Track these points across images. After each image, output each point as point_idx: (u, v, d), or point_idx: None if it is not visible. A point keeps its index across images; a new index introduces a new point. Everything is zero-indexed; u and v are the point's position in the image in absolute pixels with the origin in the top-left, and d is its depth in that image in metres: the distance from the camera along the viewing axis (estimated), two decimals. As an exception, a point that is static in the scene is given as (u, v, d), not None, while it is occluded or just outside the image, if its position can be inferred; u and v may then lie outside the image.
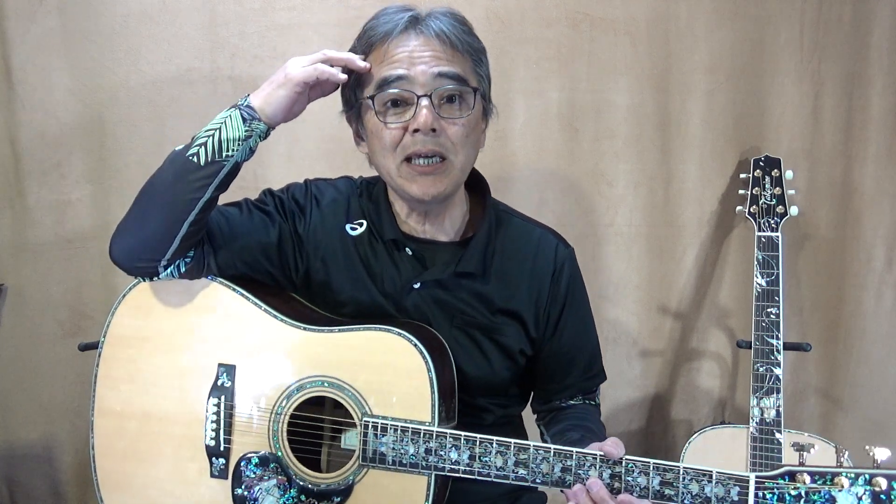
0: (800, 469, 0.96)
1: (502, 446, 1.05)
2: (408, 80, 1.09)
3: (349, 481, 1.11)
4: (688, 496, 0.99)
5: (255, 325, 1.16)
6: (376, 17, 1.15)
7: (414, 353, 1.10)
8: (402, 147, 1.11)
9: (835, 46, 1.79)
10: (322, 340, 1.14)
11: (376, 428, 1.09)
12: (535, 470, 1.04)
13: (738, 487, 0.98)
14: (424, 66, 1.09)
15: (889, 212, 1.84)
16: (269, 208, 1.23)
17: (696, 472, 0.99)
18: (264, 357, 1.16)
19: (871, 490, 0.94)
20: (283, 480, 1.13)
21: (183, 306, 1.19)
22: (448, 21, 1.12)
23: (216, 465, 1.16)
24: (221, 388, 1.16)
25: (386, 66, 1.10)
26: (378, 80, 1.10)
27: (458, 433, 1.06)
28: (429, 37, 1.10)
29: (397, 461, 1.08)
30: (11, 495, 1.88)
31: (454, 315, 1.20)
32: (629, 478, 1.01)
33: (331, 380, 1.13)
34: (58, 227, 1.79)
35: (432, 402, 1.08)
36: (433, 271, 1.19)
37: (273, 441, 1.14)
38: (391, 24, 1.11)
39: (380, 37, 1.11)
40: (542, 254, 1.24)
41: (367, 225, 1.23)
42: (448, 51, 1.11)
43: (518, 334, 1.22)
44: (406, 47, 1.10)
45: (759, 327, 1.63)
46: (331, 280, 1.21)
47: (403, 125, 1.10)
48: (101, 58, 1.74)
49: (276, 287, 1.23)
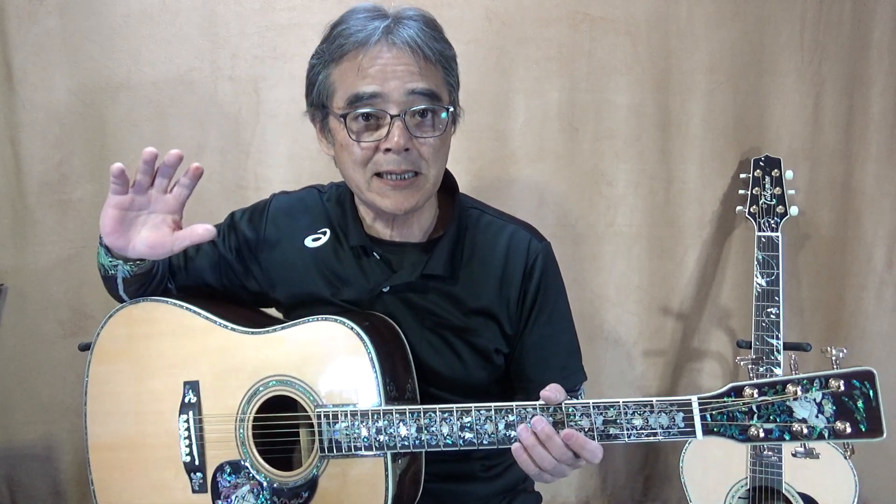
0: (745, 384, 0.92)
1: (445, 412, 1.04)
2: (381, 98, 1.06)
3: (313, 475, 1.12)
4: (633, 431, 0.97)
5: (210, 338, 1.19)
6: (345, 20, 1.10)
7: (351, 335, 1.10)
8: (373, 163, 1.10)
9: (835, 46, 1.79)
10: (269, 341, 1.16)
11: (328, 417, 1.09)
12: (480, 432, 1.03)
13: (682, 413, 0.95)
14: (398, 82, 1.06)
15: (889, 212, 1.83)
16: (220, 250, 1.28)
17: (636, 404, 0.97)
18: (222, 367, 1.18)
19: (829, 393, 0.88)
20: (255, 485, 1.15)
21: (147, 333, 1.22)
22: (418, 27, 1.08)
23: (195, 480, 1.18)
24: (189, 405, 1.18)
25: (359, 80, 1.06)
26: (350, 96, 1.07)
27: (403, 407, 1.06)
28: (401, 48, 1.06)
29: (352, 447, 1.08)
30: (11, 495, 1.88)
31: (424, 317, 1.20)
32: (572, 422, 1.00)
33: (281, 377, 1.14)
34: (58, 227, 1.80)
35: (376, 381, 1.08)
36: (401, 275, 1.19)
37: (241, 447, 1.16)
38: (364, 34, 1.06)
39: (352, 47, 1.07)
40: (515, 250, 1.22)
41: (330, 234, 1.23)
42: (420, 62, 1.07)
43: (493, 334, 1.22)
44: (379, 60, 1.06)
45: (759, 327, 1.63)
46: (290, 298, 1.24)
47: (375, 144, 1.09)
48: (101, 58, 1.74)
49: (227, 299, 1.30)
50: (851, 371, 0.89)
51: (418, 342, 1.19)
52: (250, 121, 1.79)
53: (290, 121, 1.78)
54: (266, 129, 1.79)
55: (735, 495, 1.62)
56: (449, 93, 1.14)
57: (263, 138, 1.80)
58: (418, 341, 1.19)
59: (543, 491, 1.42)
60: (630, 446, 1.96)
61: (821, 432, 0.89)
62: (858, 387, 0.88)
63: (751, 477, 1.60)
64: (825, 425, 0.89)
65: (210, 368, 1.19)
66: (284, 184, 1.69)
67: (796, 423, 0.90)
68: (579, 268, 1.29)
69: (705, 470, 1.64)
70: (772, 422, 0.91)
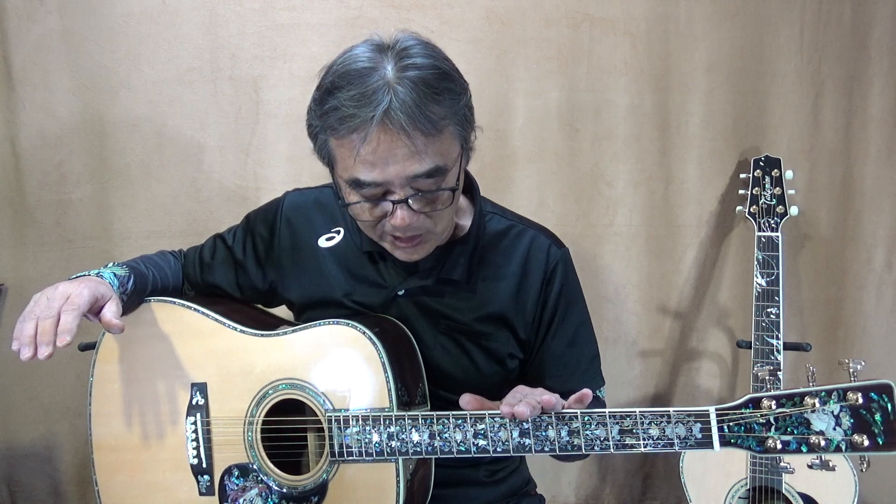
0: (763, 395, 0.91)
1: (459, 419, 1.03)
2: (382, 186, 1.00)
3: (322, 479, 1.11)
4: (650, 441, 0.96)
5: (218, 340, 1.19)
6: (334, 92, 0.99)
7: (363, 339, 1.09)
8: (381, 225, 1.07)
9: (835, 46, 1.79)
10: (279, 343, 1.16)
11: (339, 421, 1.08)
12: (493, 439, 1.02)
13: (700, 424, 0.94)
14: (398, 168, 0.98)
15: (889, 212, 1.83)
16: (236, 255, 1.28)
17: (653, 414, 0.96)
18: (231, 369, 1.17)
19: (846, 406, 0.88)
20: (263, 488, 1.14)
21: (154, 334, 1.22)
22: (416, 92, 0.96)
23: (202, 482, 1.17)
24: (197, 407, 1.18)
25: (358, 166, 0.99)
26: (350, 179, 1.01)
27: (416, 413, 1.05)
28: (395, 132, 0.96)
29: (363, 451, 1.07)
30: (11, 495, 1.88)
31: (439, 321, 1.19)
32: (587, 431, 0.98)
33: (291, 381, 1.13)
34: (58, 227, 1.80)
35: (388, 387, 1.08)
36: (417, 278, 1.18)
37: (249, 450, 1.15)
38: (358, 120, 0.96)
39: (347, 132, 0.98)
40: (534, 256, 1.21)
41: (344, 233, 1.22)
42: (420, 139, 0.97)
43: (507, 338, 1.21)
44: (377, 146, 0.97)
45: (759, 327, 1.63)
46: (302, 298, 1.23)
47: (381, 215, 1.05)
48: (101, 58, 1.74)
49: (235, 300, 1.30)
50: (870, 384, 0.88)
51: (432, 346, 1.18)
52: (250, 121, 1.79)
53: (290, 121, 1.78)
54: (266, 129, 1.79)
55: (735, 495, 1.62)
56: (460, 149, 1.06)
57: (263, 138, 1.80)
58: (432, 345, 1.18)
59: (543, 490, 1.42)
60: (630, 446, 1.96)
61: (838, 445, 0.89)
62: (876, 399, 0.88)
63: (751, 477, 1.60)
64: (842, 438, 0.89)
65: (218, 370, 1.18)
66: (284, 184, 1.69)
67: (814, 435, 0.90)
68: (578, 267, 1.29)
69: (705, 470, 1.64)
70: (789, 434, 0.91)
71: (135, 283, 1.20)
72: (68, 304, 1.03)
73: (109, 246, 1.80)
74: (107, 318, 1.06)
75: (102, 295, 1.08)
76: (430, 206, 1.04)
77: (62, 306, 1.03)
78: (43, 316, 1.02)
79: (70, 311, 1.02)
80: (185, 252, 1.37)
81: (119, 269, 1.20)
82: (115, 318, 1.07)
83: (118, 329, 1.07)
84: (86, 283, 1.07)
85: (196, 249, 1.34)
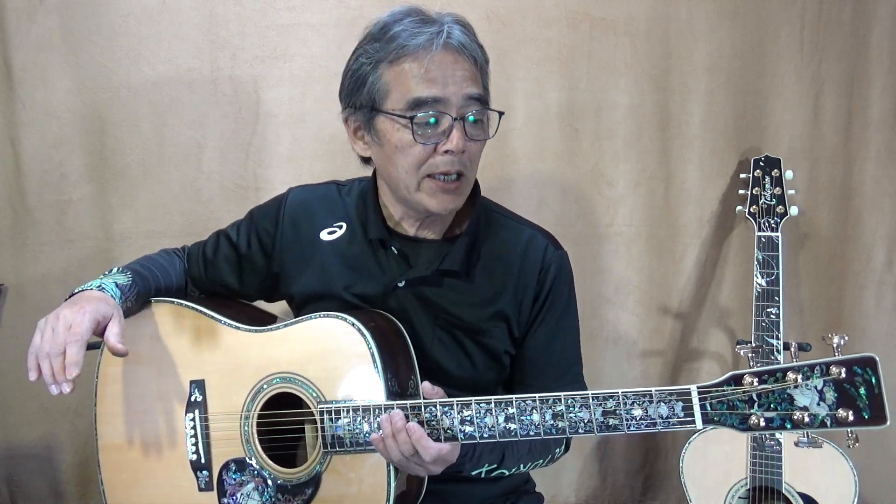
0: (745, 372, 0.90)
1: (446, 406, 1.04)
2: (442, 103, 1.08)
3: (316, 471, 1.12)
4: (633, 422, 0.96)
5: (215, 337, 1.21)
6: (398, 21, 1.11)
7: (353, 331, 1.11)
8: (427, 165, 1.11)
9: (835, 46, 1.79)
10: (272, 338, 1.17)
11: (331, 413, 1.09)
12: (480, 425, 1.03)
13: (682, 403, 0.94)
14: (456, 88, 1.09)
15: (889, 212, 1.83)
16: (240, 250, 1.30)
17: (636, 394, 0.96)
18: (227, 366, 1.19)
19: (830, 380, 0.86)
20: (260, 482, 1.15)
21: (154, 334, 1.24)
22: (462, 31, 1.12)
23: (202, 478, 1.19)
24: (195, 404, 1.20)
25: (421, 84, 1.08)
26: (411, 100, 1.08)
27: (404, 402, 1.06)
28: (455, 53, 1.10)
29: (354, 442, 1.08)
30: (11, 495, 1.88)
31: (437, 314, 1.20)
32: (571, 414, 0.99)
33: (284, 375, 1.15)
34: (58, 227, 1.79)
35: (379, 377, 1.09)
36: (417, 269, 1.20)
37: (246, 445, 1.16)
38: (424, 38, 1.08)
39: (413, 50, 1.08)
40: (531, 255, 1.23)
41: (346, 227, 1.24)
42: (471, 68, 1.12)
43: (503, 335, 1.22)
44: (440, 64, 1.08)
45: (759, 327, 1.63)
46: (303, 292, 1.24)
47: (434, 145, 1.10)
48: (101, 58, 1.74)
49: (232, 298, 1.33)
50: (853, 358, 0.87)
51: (430, 339, 1.19)
52: (250, 121, 1.79)
53: (290, 121, 1.78)
54: (266, 129, 1.79)
55: (735, 495, 1.62)
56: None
57: (263, 138, 1.80)
58: (430, 338, 1.19)
59: (543, 490, 1.42)
60: (630, 445, 1.96)
61: (823, 420, 0.87)
62: (860, 374, 0.86)
63: (751, 477, 1.60)
64: (827, 413, 0.87)
65: (215, 367, 1.19)
66: (284, 184, 1.68)
67: (797, 411, 0.88)
68: (578, 268, 1.29)
69: (705, 470, 1.64)
70: (772, 410, 0.90)
71: (137, 291, 1.22)
72: (71, 335, 1.06)
73: (109, 246, 1.80)
74: (111, 342, 1.09)
75: (104, 315, 1.10)
76: (479, 132, 1.14)
77: (66, 338, 1.06)
78: (53, 353, 1.06)
79: (74, 343, 1.05)
80: (188, 249, 1.38)
81: (121, 276, 1.21)
82: (119, 341, 1.09)
83: (122, 353, 1.09)
84: (87, 308, 1.09)
85: (199, 246, 1.36)
